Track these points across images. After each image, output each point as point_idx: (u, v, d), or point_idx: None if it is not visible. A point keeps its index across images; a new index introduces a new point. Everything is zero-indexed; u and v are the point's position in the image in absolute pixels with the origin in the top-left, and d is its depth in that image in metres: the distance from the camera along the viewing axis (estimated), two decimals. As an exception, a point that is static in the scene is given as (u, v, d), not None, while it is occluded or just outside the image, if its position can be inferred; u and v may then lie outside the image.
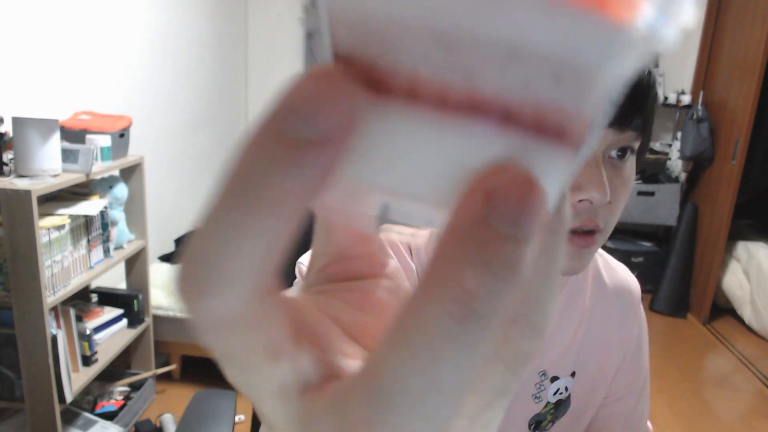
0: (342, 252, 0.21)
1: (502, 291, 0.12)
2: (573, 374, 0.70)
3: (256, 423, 0.94)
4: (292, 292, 0.20)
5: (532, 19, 0.12)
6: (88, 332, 1.79)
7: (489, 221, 0.12)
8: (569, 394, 0.70)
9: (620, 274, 0.75)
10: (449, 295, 0.12)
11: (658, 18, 0.13)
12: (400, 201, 0.14)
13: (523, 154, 0.13)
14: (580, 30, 0.12)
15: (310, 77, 0.12)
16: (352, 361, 0.17)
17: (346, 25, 0.13)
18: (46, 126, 1.51)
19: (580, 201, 0.53)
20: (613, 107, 0.15)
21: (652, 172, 3.67)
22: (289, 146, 0.12)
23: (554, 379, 0.68)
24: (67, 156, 1.62)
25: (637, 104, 0.53)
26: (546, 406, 0.69)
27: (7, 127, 1.58)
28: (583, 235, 0.54)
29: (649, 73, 0.54)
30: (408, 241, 0.62)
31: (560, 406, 0.70)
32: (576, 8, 0.12)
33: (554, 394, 0.69)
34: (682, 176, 3.59)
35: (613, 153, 0.55)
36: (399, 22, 0.12)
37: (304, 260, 0.66)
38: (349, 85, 0.12)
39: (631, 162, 0.57)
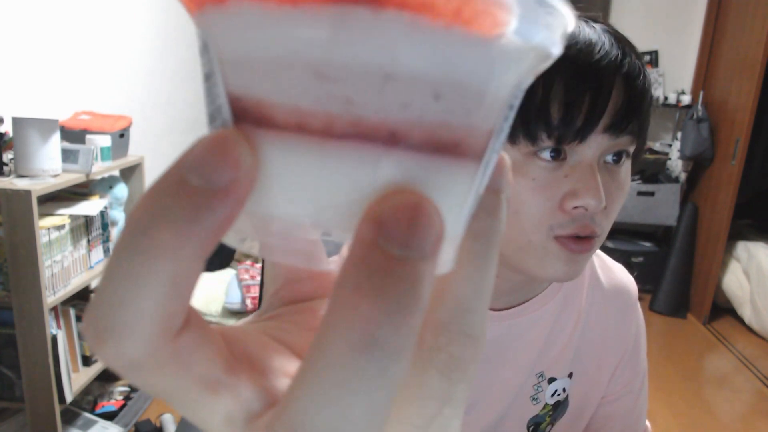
0: (289, 276, 0.21)
1: (403, 315, 0.12)
2: (570, 375, 0.70)
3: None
4: (240, 322, 0.21)
5: (399, 42, 0.12)
6: (88, 332, 1.80)
7: (380, 245, 0.12)
8: (567, 395, 0.70)
9: (617, 274, 0.75)
10: (348, 326, 0.12)
11: (529, 28, 0.13)
12: (310, 231, 0.14)
13: (419, 172, 0.13)
14: (449, 49, 0.12)
15: (207, 137, 0.13)
16: (294, 369, 0.17)
17: (233, 66, 0.14)
18: (46, 126, 1.51)
19: (575, 208, 0.52)
20: (517, 112, 0.15)
21: (652, 172, 3.67)
22: (184, 194, 0.12)
23: (551, 380, 0.68)
24: (67, 156, 1.62)
25: (632, 109, 0.52)
26: (544, 407, 0.69)
27: (7, 127, 1.58)
28: (579, 240, 0.54)
29: (644, 76, 0.53)
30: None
31: (558, 408, 0.70)
32: (440, 28, 0.12)
33: (552, 395, 0.69)
34: (682, 176, 3.59)
35: (609, 158, 0.54)
36: (276, 60, 0.13)
37: None
38: (242, 148, 0.13)
39: (626, 166, 0.56)
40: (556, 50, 0.14)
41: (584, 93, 0.50)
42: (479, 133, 0.14)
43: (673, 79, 3.69)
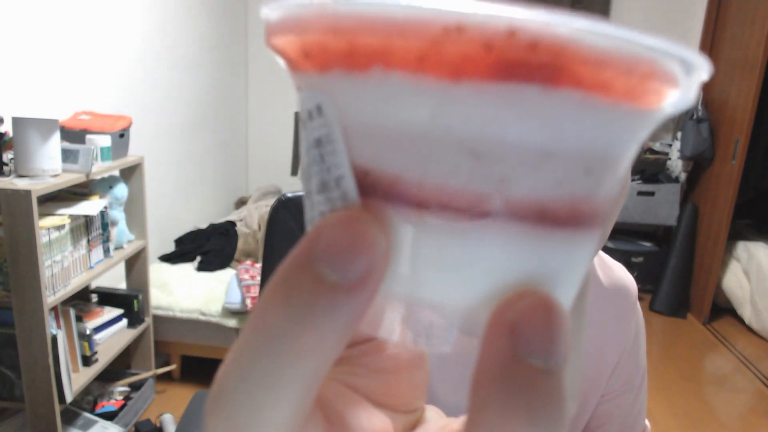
0: None
1: (554, 426, 0.11)
2: None
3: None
4: None
5: (565, 120, 0.11)
6: (88, 332, 1.79)
7: (521, 357, 0.11)
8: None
9: (617, 273, 0.75)
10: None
11: (682, 99, 0.13)
12: (421, 312, 0.14)
13: (560, 248, 0.13)
14: (611, 125, 0.12)
15: (335, 221, 0.12)
16: (378, 424, 0.17)
17: (363, 138, 0.12)
18: (46, 126, 1.51)
19: None
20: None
21: (652, 172, 3.67)
22: (322, 292, 0.11)
23: None
24: (67, 156, 1.62)
25: None
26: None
27: (7, 127, 1.58)
28: None
29: None
30: None
31: None
32: (608, 105, 0.11)
33: None
34: (682, 176, 3.59)
35: None
36: (425, 135, 0.12)
37: None
38: (376, 231, 0.12)
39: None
40: (689, 104, 0.14)
41: None
42: (608, 202, 0.14)
43: (673, 79, 3.69)
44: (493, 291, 0.13)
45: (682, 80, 0.12)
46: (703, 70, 0.13)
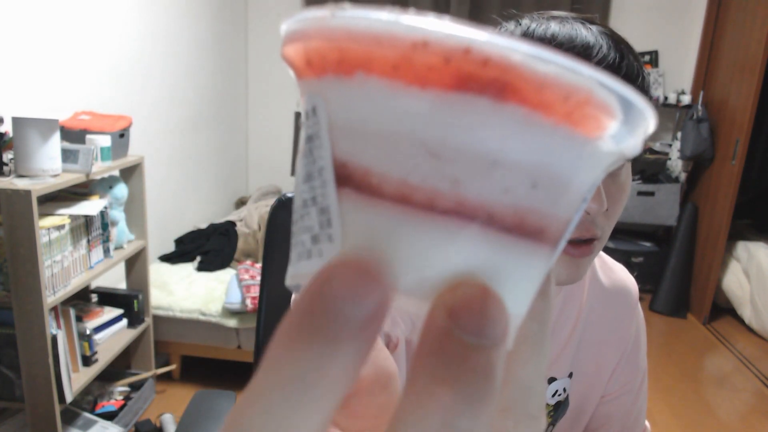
0: None
1: (482, 403, 0.12)
2: (570, 375, 0.70)
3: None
4: None
5: (511, 133, 0.13)
6: (88, 332, 1.80)
7: (455, 334, 0.13)
8: (567, 395, 0.70)
9: (618, 274, 0.75)
10: (427, 414, 0.12)
11: (623, 134, 0.14)
12: (398, 300, 0.15)
13: (505, 253, 0.14)
14: (554, 144, 0.14)
15: (345, 262, 0.13)
16: None
17: (345, 134, 0.14)
18: (46, 126, 1.51)
19: None
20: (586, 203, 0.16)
21: (652, 172, 3.67)
22: (348, 327, 0.13)
23: (552, 380, 0.68)
24: (67, 156, 1.62)
25: None
26: (545, 407, 0.69)
27: (7, 127, 1.58)
28: (580, 245, 0.54)
29: (642, 78, 0.52)
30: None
31: (559, 408, 0.70)
32: (550, 125, 0.13)
33: (553, 395, 0.69)
34: (682, 176, 3.59)
35: None
36: (393, 135, 0.13)
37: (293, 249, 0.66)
38: (382, 281, 0.13)
39: (626, 168, 0.56)
40: (636, 152, 0.15)
41: None
42: (559, 222, 0.15)
43: (673, 79, 3.69)
44: (441, 283, 0.14)
45: (620, 113, 0.14)
46: (642, 108, 0.14)
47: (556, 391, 0.69)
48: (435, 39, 0.13)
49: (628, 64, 0.51)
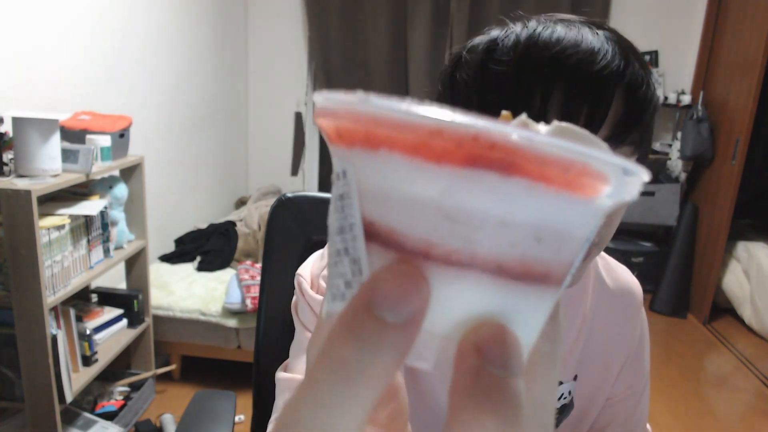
0: None
1: (517, 424, 0.15)
2: (575, 378, 0.69)
3: (256, 423, 0.94)
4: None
5: (517, 200, 0.15)
6: (88, 332, 1.79)
7: (486, 369, 0.15)
8: (572, 398, 0.70)
9: (622, 276, 0.74)
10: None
11: (618, 191, 0.16)
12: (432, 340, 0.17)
13: (516, 296, 0.16)
14: (555, 206, 0.16)
15: (394, 275, 0.15)
16: None
17: (371, 198, 0.17)
18: (46, 126, 1.51)
19: None
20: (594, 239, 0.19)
21: (652, 172, 3.67)
22: (387, 332, 0.15)
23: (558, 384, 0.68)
24: (67, 156, 1.62)
25: (633, 120, 0.51)
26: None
27: (7, 127, 1.58)
28: None
29: (647, 85, 0.51)
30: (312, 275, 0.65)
31: (564, 411, 0.70)
32: (552, 192, 0.15)
33: (558, 399, 0.69)
34: (682, 176, 3.59)
35: None
36: (413, 202, 0.16)
37: (303, 272, 0.66)
38: (422, 282, 0.15)
39: None
40: (634, 198, 0.17)
41: (582, 103, 0.49)
42: (564, 265, 0.17)
43: (673, 79, 3.69)
44: (461, 323, 0.16)
45: (614, 177, 0.16)
46: (634, 170, 0.16)
47: (562, 394, 0.68)
48: (448, 128, 0.14)
49: (633, 72, 0.50)
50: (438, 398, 0.64)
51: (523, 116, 0.21)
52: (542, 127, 0.20)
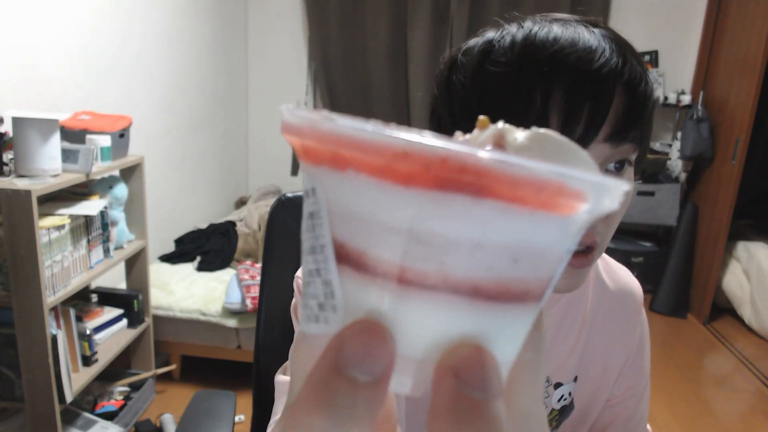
0: None
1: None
2: (575, 378, 0.69)
3: (256, 423, 0.94)
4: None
5: (491, 222, 0.14)
6: (88, 332, 1.79)
7: (464, 392, 0.15)
8: (572, 399, 0.70)
9: (622, 277, 0.74)
10: None
11: (596, 205, 0.16)
12: (406, 365, 0.17)
13: (493, 317, 0.16)
14: (531, 226, 0.15)
15: (358, 333, 0.15)
16: None
17: (341, 219, 0.16)
18: (46, 126, 1.51)
19: None
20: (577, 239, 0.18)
21: (652, 172, 3.67)
22: (359, 391, 0.14)
23: (558, 385, 0.68)
24: (67, 156, 1.62)
25: (633, 117, 0.51)
26: (551, 412, 0.68)
27: (7, 127, 1.58)
28: (579, 255, 0.53)
29: (646, 82, 0.51)
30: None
31: (564, 412, 0.70)
32: (527, 213, 0.14)
33: (558, 400, 0.68)
34: (682, 176, 3.59)
35: (610, 166, 0.53)
36: (383, 223, 0.15)
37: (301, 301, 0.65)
38: (388, 336, 0.15)
39: (628, 173, 0.55)
40: (615, 210, 0.17)
41: (583, 102, 0.49)
42: (543, 281, 0.17)
43: (673, 79, 3.68)
44: (437, 345, 0.16)
45: (591, 193, 0.15)
46: (612, 185, 0.16)
47: (562, 395, 0.68)
48: (415, 150, 0.14)
49: (631, 69, 0.50)
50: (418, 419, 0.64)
51: (500, 123, 0.20)
52: (520, 134, 0.19)
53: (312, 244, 0.17)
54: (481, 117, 0.21)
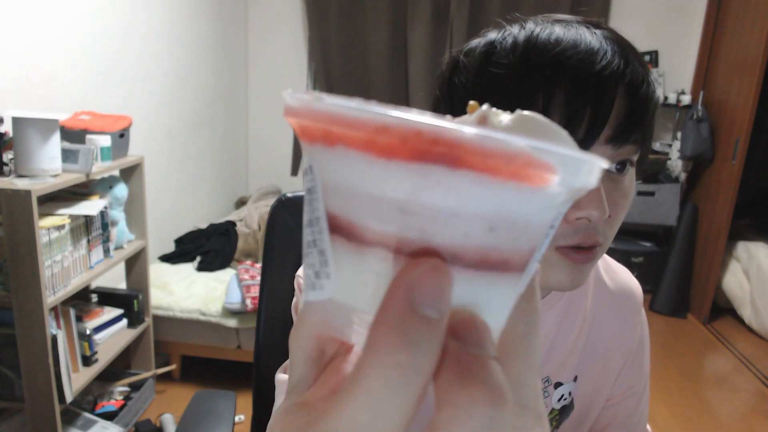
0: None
1: (501, 394, 0.16)
2: (575, 378, 0.69)
3: (256, 423, 0.94)
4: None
5: (465, 191, 0.16)
6: (88, 332, 1.79)
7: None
8: (572, 399, 0.70)
9: (622, 277, 0.74)
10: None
11: (570, 178, 0.16)
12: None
13: (473, 284, 0.17)
14: (504, 196, 0.16)
15: (428, 271, 0.16)
16: None
17: (332, 192, 0.18)
18: (46, 126, 1.51)
19: (579, 219, 0.51)
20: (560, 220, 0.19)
21: (652, 172, 3.67)
22: (431, 328, 0.15)
23: (558, 385, 0.68)
24: (67, 156, 1.62)
25: (635, 119, 0.51)
26: (551, 412, 0.68)
27: (7, 127, 1.58)
28: (582, 251, 0.53)
29: (647, 84, 0.51)
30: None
31: (564, 411, 0.70)
32: (499, 182, 0.15)
33: (558, 400, 0.68)
34: (682, 176, 3.59)
35: (612, 167, 0.53)
36: (369, 195, 0.16)
37: (302, 272, 0.66)
38: (450, 275, 0.16)
39: (630, 174, 0.55)
40: (592, 185, 0.17)
41: (585, 104, 0.49)
42: (523, 252, 0.18)
43: (673, 79, 3.69)
44: None
45: (561, 166, 0.16)
46: (582, 158, 0.16)
47: (562, 395, 0.68)
48: (393, 124, 0.15)
49: (633, 70, 0.50)
50: None
51: (485, 107, 0.21)
52: (505, 117, 0.20)
53: (309, 217, 0.19)
54: (471, 102, 0.22)
